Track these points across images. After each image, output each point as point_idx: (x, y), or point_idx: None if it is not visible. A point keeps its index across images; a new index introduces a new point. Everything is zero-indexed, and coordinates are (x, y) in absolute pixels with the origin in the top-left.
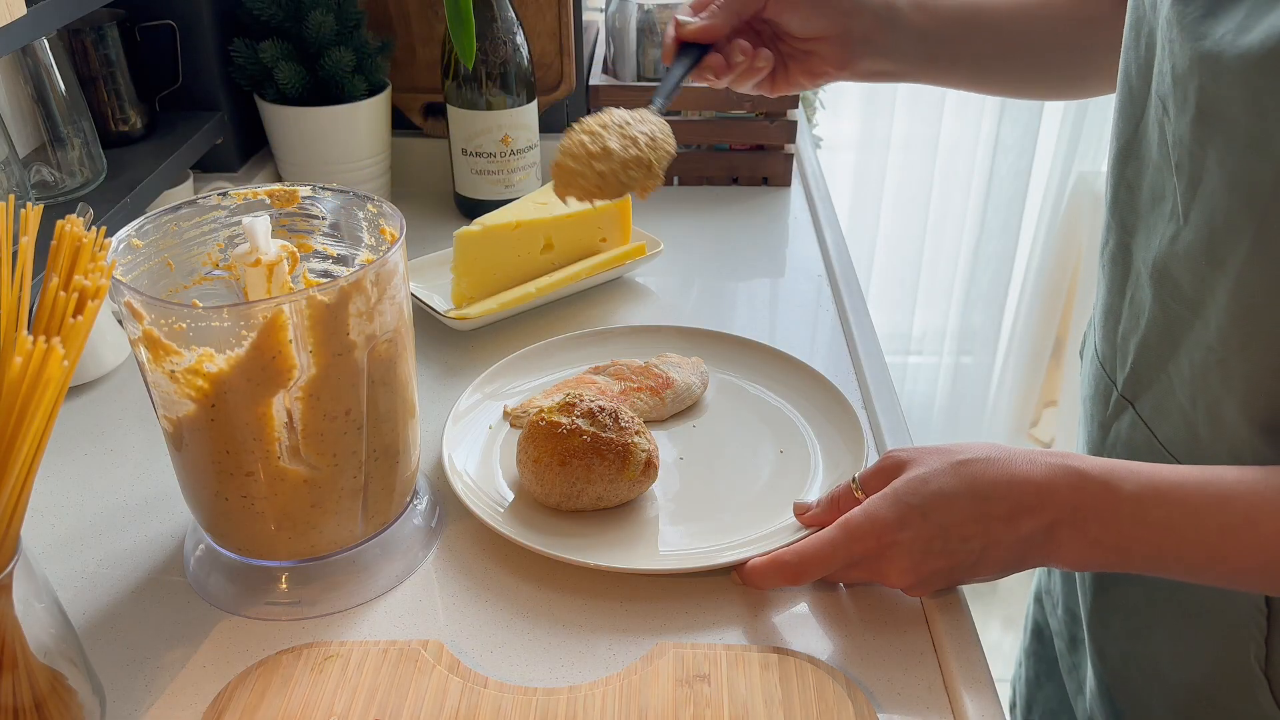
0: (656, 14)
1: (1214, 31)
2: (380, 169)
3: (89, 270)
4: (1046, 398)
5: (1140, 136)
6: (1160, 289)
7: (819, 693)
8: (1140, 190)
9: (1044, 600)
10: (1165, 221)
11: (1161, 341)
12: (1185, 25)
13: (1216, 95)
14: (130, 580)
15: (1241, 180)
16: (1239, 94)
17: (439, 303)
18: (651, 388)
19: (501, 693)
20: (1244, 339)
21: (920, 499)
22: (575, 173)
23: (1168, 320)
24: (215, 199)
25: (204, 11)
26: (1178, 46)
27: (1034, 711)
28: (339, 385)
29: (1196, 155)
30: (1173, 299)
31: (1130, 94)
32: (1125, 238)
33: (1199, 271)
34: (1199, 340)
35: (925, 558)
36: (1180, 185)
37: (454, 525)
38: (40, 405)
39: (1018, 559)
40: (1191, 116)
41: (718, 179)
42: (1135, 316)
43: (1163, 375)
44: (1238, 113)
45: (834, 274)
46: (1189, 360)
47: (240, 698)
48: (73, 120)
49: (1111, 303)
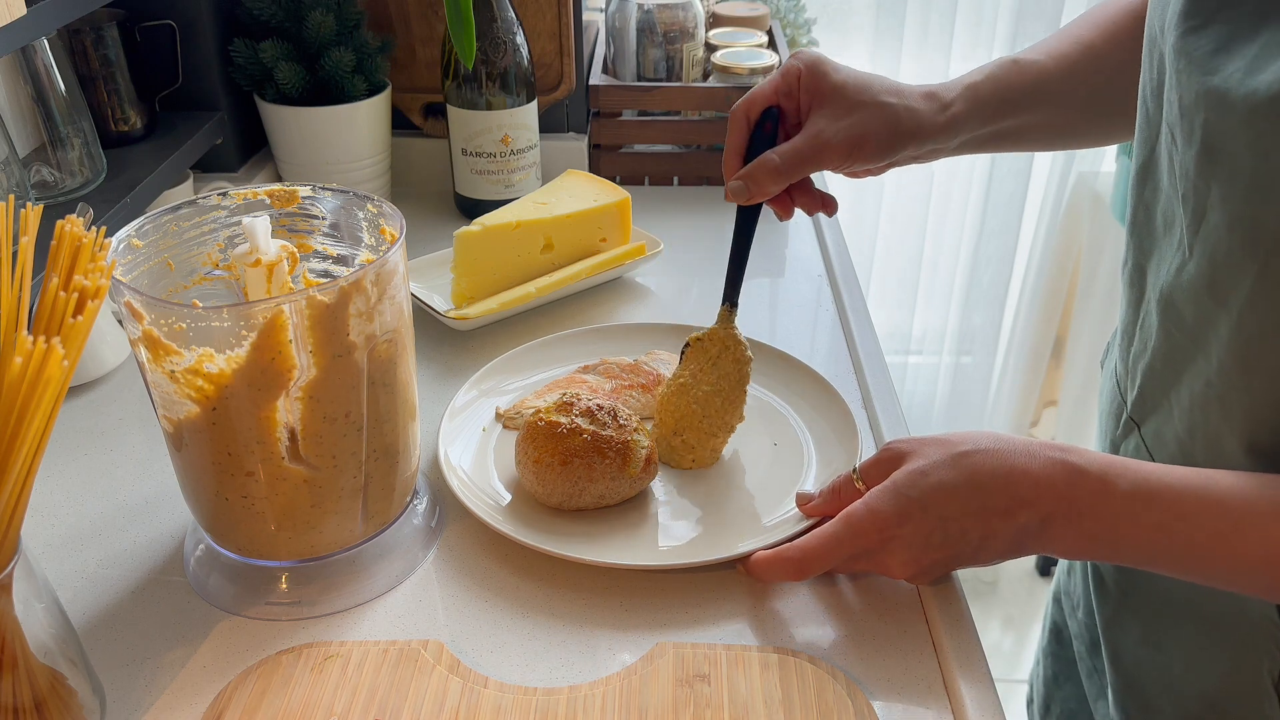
0: (656, 14)
1: (1224, 68)
2: (380, 169)
3: (89, 270)
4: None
5: (1155, 160)
6: (1165, 317)
7: (819, 693)
8: (1155, 214)
9: (1063, 602)
10: (1174, 250)
11: (1165, 369)
12: (1194, 59)
13: (1222, 132)
14: (130, 580)
15: (1243, 221)
16: (1243, 135)
17: (439, 303)
18: (643, 385)
19: (501, 693)
20: (1245, 374)
21: (920, 492)
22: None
23: (1171, 349)
24: (215, 199)
25: (204, 11)
26: (1185, 78)
27: (1052, 711)
28: (339, 387)
29: (1200, 189)
30: (1176, 329)
31: (1147, 116)
32: (1141, 260)
33: (1201, 305)
34: (1199, 372)
35: (925, 550)
36: (1186, 217)
37: (454, 525)
38: (40, 405)
39: (1014, 548)
40: (1197, 150)
41: (718, 179)
42: (1145, 340)
43: (1165, 403)
44: (1241, 153)
45: (834, 274)
46: (1189, 391)
47: (240, 698)
48: (73, 120)
49: (1129, 321)
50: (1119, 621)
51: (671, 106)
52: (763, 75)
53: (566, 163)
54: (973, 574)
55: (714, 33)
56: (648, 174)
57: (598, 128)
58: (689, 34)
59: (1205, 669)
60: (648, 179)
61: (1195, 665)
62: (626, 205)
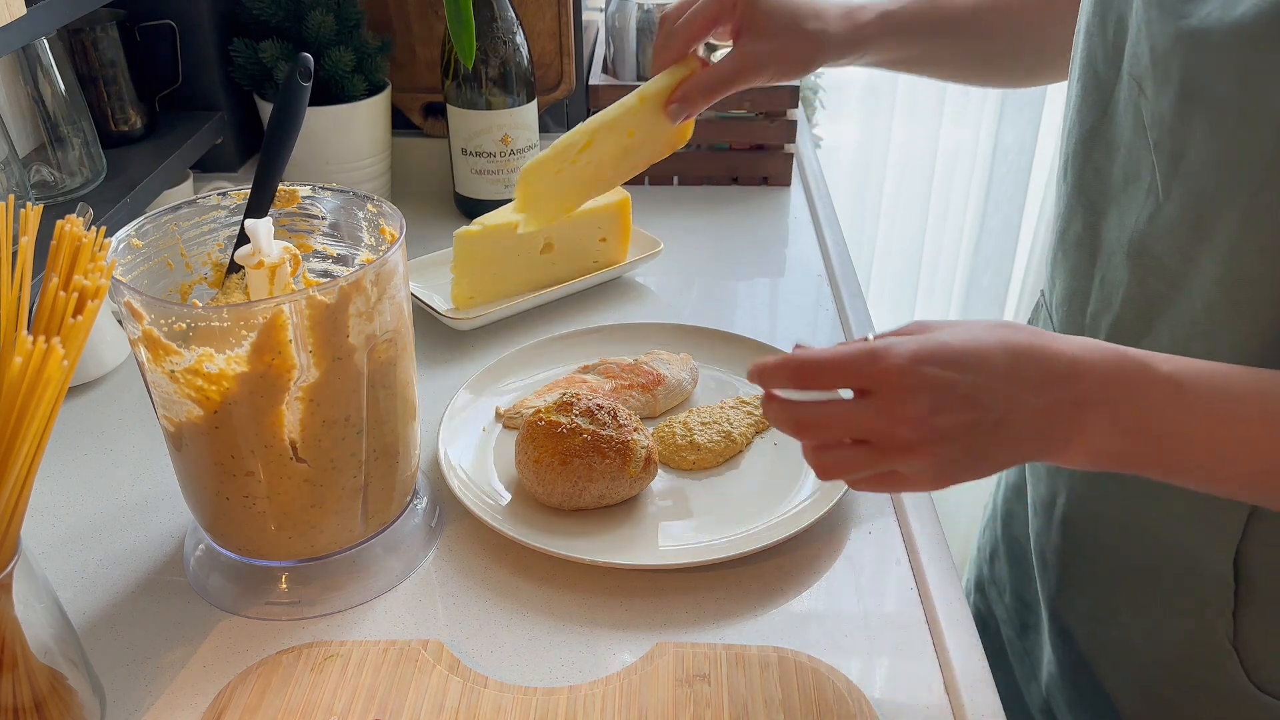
0: (656, 14)
1: (1198, 10)
2: (380, 169)
3: (89, 270)
4: None
5: (1108, 121)
6: (1138, 266)
7: (819, 693)
8: (1110, 173)
9: (987, 590)
10: (1142, 199)
11: (1138, 319)
12: (1166, 6)
13: (1201, 71)
14: (130, 580)
15: (1231, 152)
16: (1227, 68)
17: (439, 303)
18: (643, 385)
19: (501, 693)
20: (1233, 309)
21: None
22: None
23: (1146, 297)
24: (215, 199)
25: (204, 11)
26: (1157, 26)
27: None
28: (339, 390)
29: (1178, 131)
30: (1153, 275)
31: (1096, 80)
32: (1094, 220)
33: (1182, 246)
34: (1181, 315)
35: (943, 406)
36: (1160, 163)
37: (454, 525)
38: (40, 405)
39: (1037, 434)
40: (1175, 94)
41: (718, 178)
42: (1106, 298)
43: None
44: (1226, 87)
45: (834, 274)
46: (1170, 335)
47: (240, 698)
48: (72, 120)
49: (1076, 286)
50: (1064, 599)
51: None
52: None
53: None
54: None
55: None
56: (648, 174)
57: None
58: None
59: (1164, 636)
60: (648, 179)
61: (1153, 634)
62: (626, 205)
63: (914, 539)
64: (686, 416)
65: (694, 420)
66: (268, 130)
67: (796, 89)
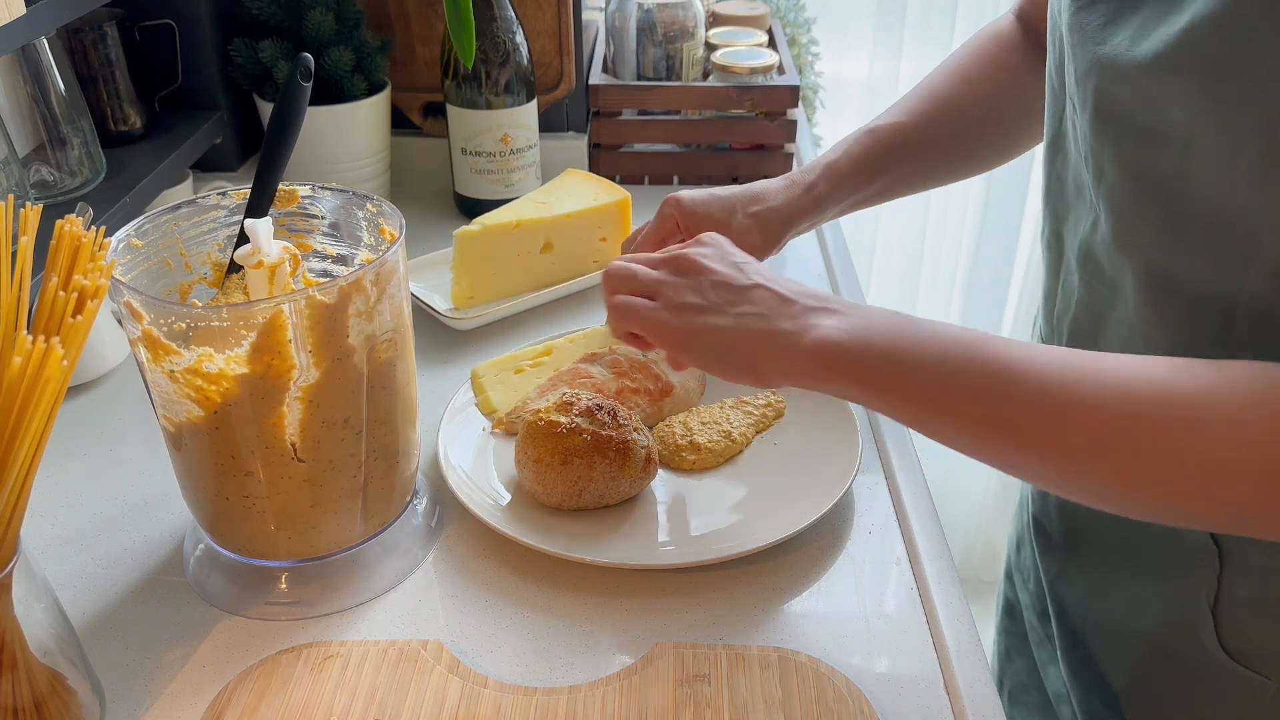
0: (656, 13)
1: (1112, 38)
2: (380, 168)
3: (88, 270)
4: None
5: (1063, 131)
6: (1085, 271)
7: (819, 693)
8: (1067, 181)
9: (1015, 578)
10: (1086, 209)
11: (1090, 321)
12: (1086, 32)
13: (1111, 95)
14: (130, 580)
15: (1140, 170)
16: (1134, 94)
17: (439, 303)
18: (651, 394)
19: (501, 693)
20: (1159, 317)
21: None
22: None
23: (1093, 301)
24: (215, 198)
25: (204, 11)
26: (1078, 50)
27: (1004, 686)
28: (339, 391)
29: (1096, 150)
30: (1096, 279)
31: (1054, 91)
32: (1057, 225)
33: (1111, 256)
34: (1121, 318)
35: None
36: (1091, 177)
37: (454, 525)
38: (40, 405)
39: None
40: (1090, 114)
41: (718, 178)
42: (1067, 299)
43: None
44: (1133, 110)
45: (834, 274)
46: (1116, 336)
47: (240, 698)
48: (72, 120)
49: (1050, 286)
50: (1065, 576)
51: (671, 106)
52: (763, 74)
53: (566, 162)
54: (973, 573)
55: (714, 32)
56: (648, 173)
57: (597, 127)
58: (689, 33)
59: (1148, 607)
60: (648, 178)
61: (1138, 606)
62: (626, 205)
63: (914, 539)
64: (686, 416)
65: (694, 420)
66: (268, 130)
67: (796, 89)
